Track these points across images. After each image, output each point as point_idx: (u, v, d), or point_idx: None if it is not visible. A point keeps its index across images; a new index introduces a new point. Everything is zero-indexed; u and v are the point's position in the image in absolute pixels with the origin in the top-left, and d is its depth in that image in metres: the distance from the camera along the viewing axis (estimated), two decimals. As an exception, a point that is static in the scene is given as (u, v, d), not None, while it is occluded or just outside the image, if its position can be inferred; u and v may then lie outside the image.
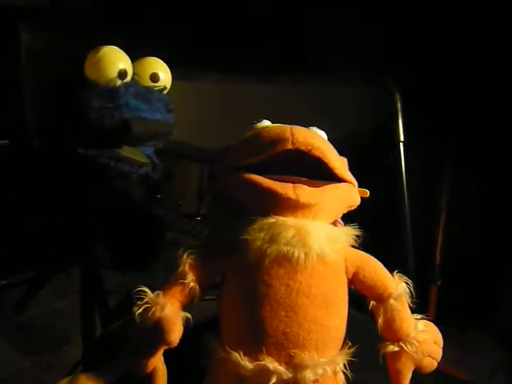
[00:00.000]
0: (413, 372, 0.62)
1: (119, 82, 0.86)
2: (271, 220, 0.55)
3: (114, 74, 0.85)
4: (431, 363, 0.61)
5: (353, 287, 0.59)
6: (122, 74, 0.86)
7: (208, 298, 0.58)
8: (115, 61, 0.87)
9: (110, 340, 0.76)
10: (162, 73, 0.92)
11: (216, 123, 0.91)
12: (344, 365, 0.57)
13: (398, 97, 0.87)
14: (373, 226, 0.61)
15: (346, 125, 0.81)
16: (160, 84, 0.90)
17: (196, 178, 1.59)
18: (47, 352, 1.46)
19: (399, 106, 0.86)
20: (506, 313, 1.67)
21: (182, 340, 0.55)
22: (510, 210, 1.57)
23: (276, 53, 1.45)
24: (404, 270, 0.62)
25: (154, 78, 0.90)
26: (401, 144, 0.86)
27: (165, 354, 0.58)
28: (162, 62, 0.92)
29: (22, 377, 1.38)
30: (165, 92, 0.92)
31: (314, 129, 0.60)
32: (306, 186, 0.55)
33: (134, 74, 0.89)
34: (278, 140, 0.55)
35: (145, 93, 0.87)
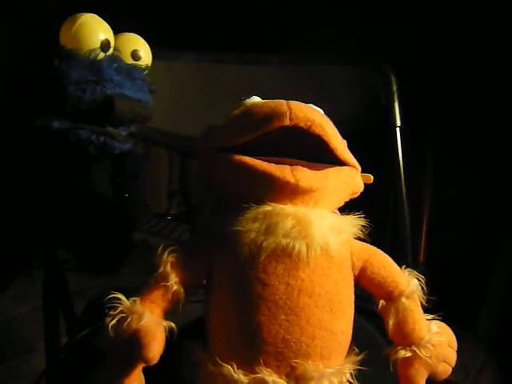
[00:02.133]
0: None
1: (102, 55, 0.78)
2: (267, 208, 0.47)
3: (95, 44, 0.76)
4: (446, 369, 0.54)
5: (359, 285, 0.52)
6: (105, 46, 0.77)
7: (193, 299, 0.51)
8: (97, 30, 0.78)
9: (76, 350, 0.67)
10: (144, 51, 0.84)
11: (196, 108, 0.83)
12: (351, 374, 0.50)
13: (393, 79, 0.81)
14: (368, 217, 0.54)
15: (338, 108, 0.74)
16: (142, 62, 0.83)
17: (166, 176, 1.51)
18: (9, 361, 1.36)
19: (395, 88, 0.80)
20: (489, 314, 1.65)
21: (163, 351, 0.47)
22: (496, 208, 1.55)
23: (263, 31, 1.39)
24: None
25: (136, 55, 0.82)
26: (397, 129, 0.80)
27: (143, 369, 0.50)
28: (142, 39, 0.84)
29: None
30: (145, 72, 0.84)
31: (312, 105, 0.53)
32: (306, 169, 0.48)
33: (114, 48, 0.80)
34: (274, 115, 0.47)
35: (128, 69, 0.79)
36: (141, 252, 0.59)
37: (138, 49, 0.82)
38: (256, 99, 0.53)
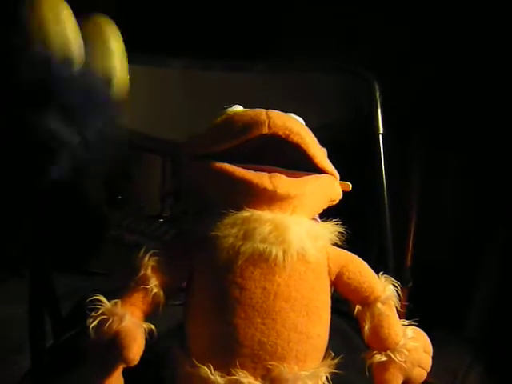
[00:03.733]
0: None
1: None
2: (245, 214, 0.48)
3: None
4: (421, 374, 0.56)
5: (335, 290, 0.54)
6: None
7: (172, 303, 0.52)
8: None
9: (60, 352, 0.68)
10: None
11: (181, 114, 0.85)
12: (326, 377, 0.51)
13: (376, 87, 0.83)
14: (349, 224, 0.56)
15: (321, 115, 0.75)
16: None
17: (158, 178, 1.53)
18: None
19: (378, 95, 0.81)
20: (475, 317, 1.66)
21: (143, 352, 0.48)
22: (483, 210, 1.57)
23: (248, 38, 1.41)
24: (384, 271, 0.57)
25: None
26: (380, 136, 0.82)
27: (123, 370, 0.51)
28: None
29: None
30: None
31: (292, 114, 0.54)
32: (283, 176, 0.49)
33: None
34: (253, 123, 0.49)
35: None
36: (134, 253, 0.60)
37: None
38: (238, 108, 0.55)
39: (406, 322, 0.56)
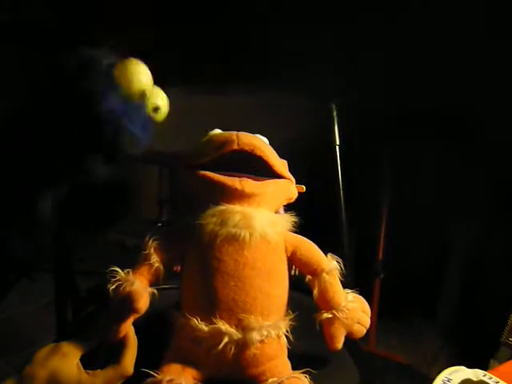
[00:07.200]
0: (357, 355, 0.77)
1: (137, 99, 0.86)
2: (221, 207, 0.66)
3: (136, 91, 0.86)
4: (360, 329, 0.73)
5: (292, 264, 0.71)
6: (142, 95, 0.86)
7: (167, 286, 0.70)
8: (142, 78, 0.86)
9: (81, 324, 0.84)
10: (163, 107, 0.91)
11: (176, 132, 1.01)
12: (287, 330, 0.68)
13: (333, 106, 1.01)
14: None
15: (289, 132, 0.93)
16: (157, 117, 0.91)
17: (156, 186, 1.67)
18: (10, 354, 1.48)
19: (335, 113, 1.00)
20: (446, 305, 1.82)
21: (151, 320, 0.65)
22: (451, 207, 1.72)
23: (225, 66, 1.57)
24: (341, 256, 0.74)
25: (156, 110, 0.90)
26: (337, 147, 1.00)
27: (137, 332, 0.66)
28: (166, 96, 0.94)
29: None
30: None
31: (258, 135, 0.72)
32: (250, 180, 0.68)
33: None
34: (226, 142, 0.67)
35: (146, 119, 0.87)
36: (134, 255, 0.75)
37: (160, 105, 0.90)
38: (217, 131, 0.73)
39: (349, 291, 0.73)
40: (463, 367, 0.69)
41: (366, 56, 1.48)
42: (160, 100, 0.92)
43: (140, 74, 0.87)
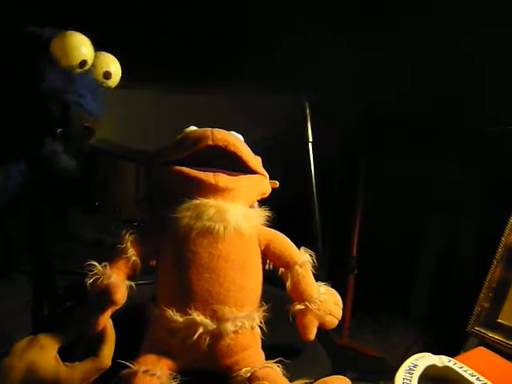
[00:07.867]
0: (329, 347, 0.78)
1: (79, 70, 0.89)
2: (196, 201, 0.68)
3: (76, 61, 0.88)
4: (332, 321, 0.75)
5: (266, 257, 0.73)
6: (83, 64, 0.89)
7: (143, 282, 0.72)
8: (81, 47, 0.90)
9: (58, 318, 0.84)
10: (115, 72, 0.96)
11: (152, 129, 1.02)
12: (260, 321, 0.69)
13: (306, 103, 1.04)
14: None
15: (262, 130, 0.95)
16: (109, 82, 0.96)
17: (132, 185, 1.67)
18: None
19: (308, 111, 1.02)
20: (418, 300, 1.86)
21: (128, 314, 0.67)
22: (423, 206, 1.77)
23: (202, 65, 1.59)
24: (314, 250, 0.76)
25: (107, 75, 0.95)
26: (309, 144, 1.02)
27: (115, 326, 0.67)
28: (117, 61, 0.97)
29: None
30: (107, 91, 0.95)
31: (233, 132, 0.74)
32: (224, 175, 0.69)
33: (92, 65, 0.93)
34: (201, 138, 0.69)
35: (95, 87, 0.91)
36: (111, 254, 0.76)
37: (110, 70, 0.95)
38: (193, 128, 0.75)
39: (322, 283, 0.75)
40: (429, 354, 0.72)
41: (342, 55, 1.52)
42: (111, 65, 0.97)
43: (77, 44, 0.89)
